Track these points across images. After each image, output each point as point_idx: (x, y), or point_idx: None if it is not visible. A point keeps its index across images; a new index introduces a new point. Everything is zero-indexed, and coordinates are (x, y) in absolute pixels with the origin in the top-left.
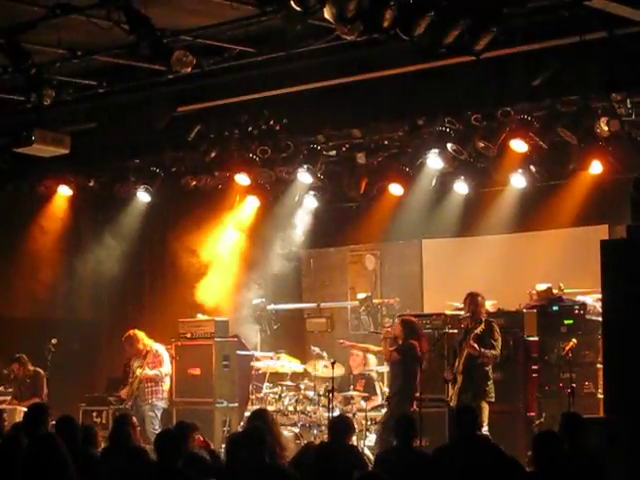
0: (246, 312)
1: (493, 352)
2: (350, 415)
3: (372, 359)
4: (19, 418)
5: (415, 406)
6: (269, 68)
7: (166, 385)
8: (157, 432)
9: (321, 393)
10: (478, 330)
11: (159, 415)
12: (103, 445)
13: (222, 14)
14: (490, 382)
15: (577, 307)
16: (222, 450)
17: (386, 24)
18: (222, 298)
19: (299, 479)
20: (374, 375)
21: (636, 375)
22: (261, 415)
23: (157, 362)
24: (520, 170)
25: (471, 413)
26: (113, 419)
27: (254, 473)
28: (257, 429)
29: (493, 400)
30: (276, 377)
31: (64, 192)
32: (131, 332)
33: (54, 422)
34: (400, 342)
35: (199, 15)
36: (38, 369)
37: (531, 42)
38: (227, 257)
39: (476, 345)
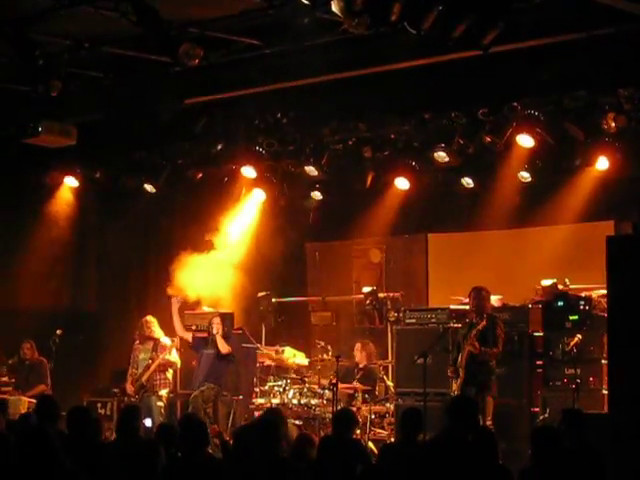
0: (251, 305)
1: (494, 350)
2: (354, 408)
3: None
4: (24, 409)
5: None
6: (276, 61)
7: (170, 374)
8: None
9: (325, 386)
10: (480, 326)
11: (165, 404)
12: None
13: (229, 7)
14: (494, 377)
15: (582, 303)
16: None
17: (393, 18)
18: (227, 290)
19: (306, 474)
20: (374, 368)
21: None
22: (274, 412)
23: (165, 362)
24: (526, 165)
25: (469, 405)
26: (120, 411)
27: (264, 467)
28: (271, 423)
29: (495, 395)
30: (280, 370)
31: (70, 183)
32: (149, 317)
33: (62, 413)
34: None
35: (206, 7)
36: (42, 357)
37: (538, 37)
38: (232, 249)
39: (477, 343)
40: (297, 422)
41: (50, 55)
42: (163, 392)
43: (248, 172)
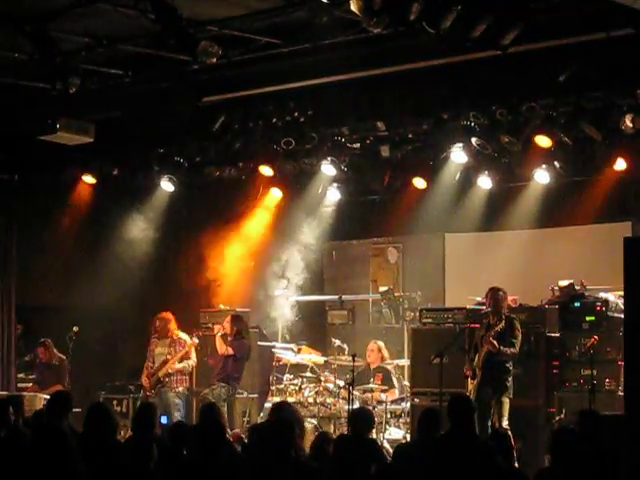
0: (268, 303)
1: (512, 350)
2: (370, 408)
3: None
4: (40, 405)
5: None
6: (295, 60)
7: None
8: (180, 419)
9: (341, 385)
10: (499, 327)
11: (183, 402)
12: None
13: (248, 5)
14: (510, 377)
15: (599, 304)
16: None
17: (412, 17)
18: (244, 289)
19: (322, 473)
20: (391, 368)
21: None
22: (284, 407)
23: (184, 353)
24: (544, 165)
25: (461, 405)
26: (137, 407)
27: (280, 465)
28: (286, 422)
29: (511, 396)
30: (297, 368)
31: (88, 180)
32: (165, 313)
33: (78, 410)
34: (230, 338)
35: (225, 6)
36: (62, 356)
37: (557, 38)
38: (249, 248)
39: (495, 342)
40: (313, 421)
41: (68, 52)
42: (180, 389)
43: (266, 170)
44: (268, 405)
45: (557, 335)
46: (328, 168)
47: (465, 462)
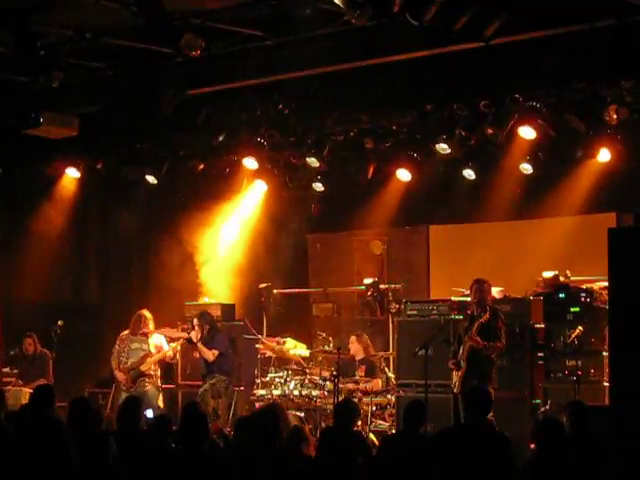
0: (252, 296)
1: (498, 344)
2: (355, 400)
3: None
4: (25, 400)
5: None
6: (278, 52)
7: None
8: (162, 412)
9: (327, 377)
10: (483, 319)
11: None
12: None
13: None
14: (494, 369)
15: (584, 295)
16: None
17: (396, 9)
18: (228, 282)
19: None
20: (374, 360)
21: None
22: (274, 405)
23: (160, 349)
24: (528, 157)
25: (480, 396)
26: (122, 402)
27: (265, 457)
28: (270, 413)
29: (496, 387)
30: (282, 361)
31: (72, 174)
32: (144, 311)
33: (63, 404)
34: (208, 334)
35: None
36: (45, 350)
37: (540, 29)
38: (234, 241)
39: (479, 338)
40: (298, 413)
41: (51, 46)
42: (159, 382)
43: (250, 163)
44: (253, 398)
45: (542, 326)
46: (312, 160)
47: (484, 451)
